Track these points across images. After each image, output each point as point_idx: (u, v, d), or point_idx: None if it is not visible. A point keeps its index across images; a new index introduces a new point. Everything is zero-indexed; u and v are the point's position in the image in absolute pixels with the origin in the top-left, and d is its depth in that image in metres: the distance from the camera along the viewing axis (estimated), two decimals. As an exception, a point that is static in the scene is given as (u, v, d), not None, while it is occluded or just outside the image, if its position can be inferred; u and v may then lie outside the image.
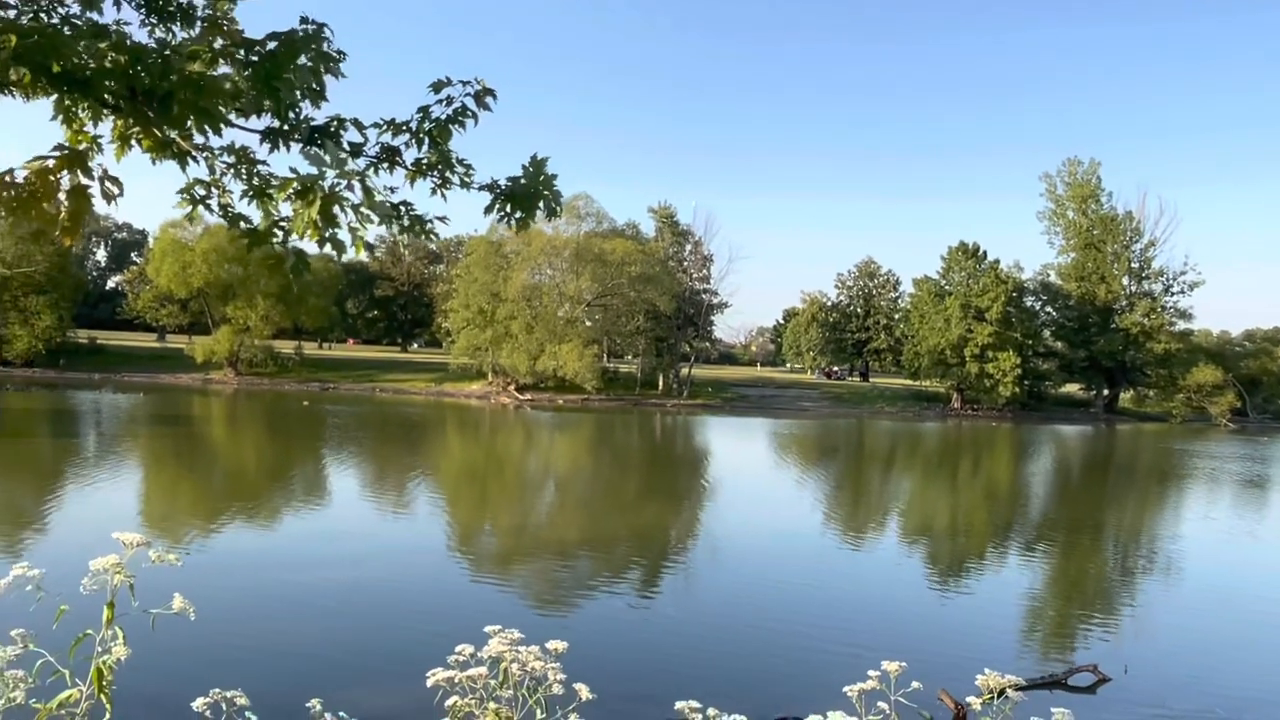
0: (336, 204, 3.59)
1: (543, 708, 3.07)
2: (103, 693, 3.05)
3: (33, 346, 75.76)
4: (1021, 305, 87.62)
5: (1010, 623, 15.39)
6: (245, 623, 12.39)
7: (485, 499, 28.87)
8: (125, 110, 3.50)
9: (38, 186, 3.27)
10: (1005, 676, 3.75)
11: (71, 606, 3.17)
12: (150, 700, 4.88)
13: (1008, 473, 44.07)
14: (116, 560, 3.05)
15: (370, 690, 8.44)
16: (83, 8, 3.65)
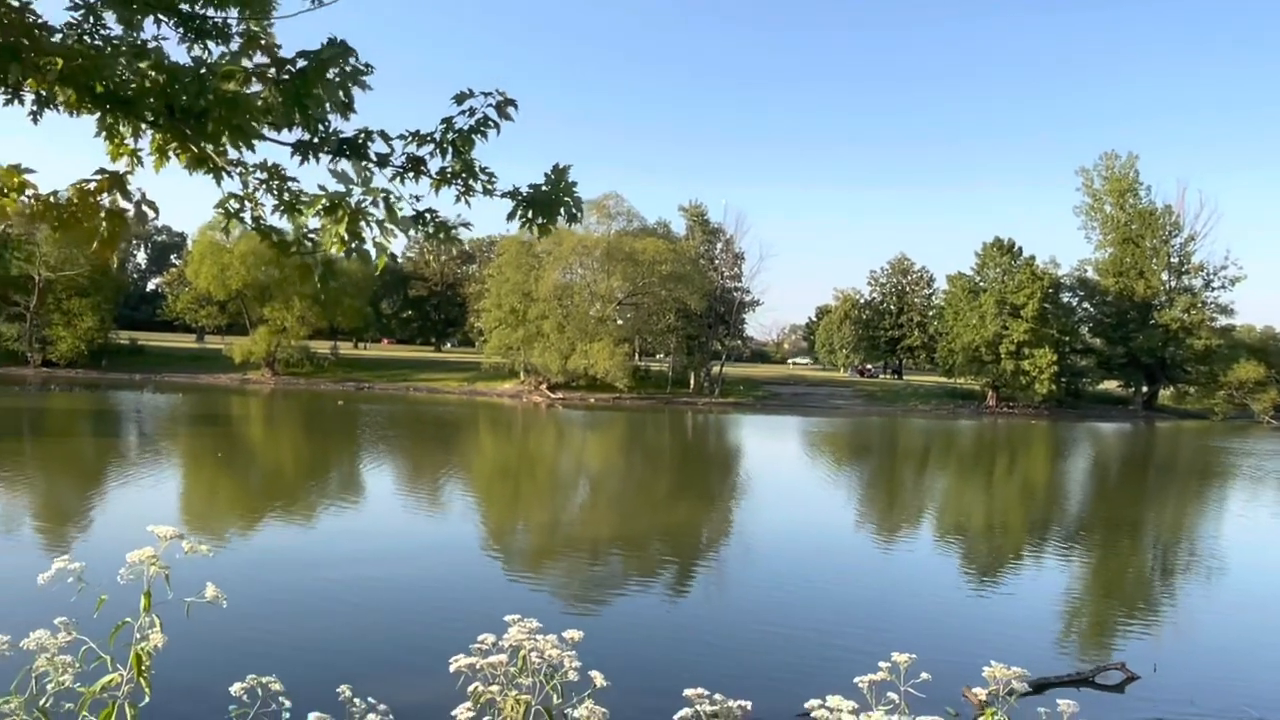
0: (362, 219, 3.75)
1: (559, 694, 3.21)
2: (142, 677, 3.23)
3: (76, 348, 77.44)
4: (1058, 301, 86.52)
5: (1044, 621, 15.31)
6: (279, 616, 12.69)
7: (517, 497, 29.14)
8: (164, 127, 3.70)
9: (79, 207, 3.47)
10: (1012, 669, 3.82)
11: (111, 597, 3.37)
12: (189, 686, 5.09)
13: (1044, 471, 43.64)
14: (152, 552, 3.24)
15: (399, 680, 8.66)
16: (123, 28, 3.85)
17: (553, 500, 28.77)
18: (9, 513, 21.44)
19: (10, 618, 4.03)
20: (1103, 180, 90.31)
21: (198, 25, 4.35)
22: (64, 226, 3.44)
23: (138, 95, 3.58)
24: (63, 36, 3.68)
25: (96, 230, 3.55)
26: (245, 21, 4.45)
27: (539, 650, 3.26)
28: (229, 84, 3.73)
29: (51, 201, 3.43)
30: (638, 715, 5.78)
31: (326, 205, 3.78)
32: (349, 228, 3.72)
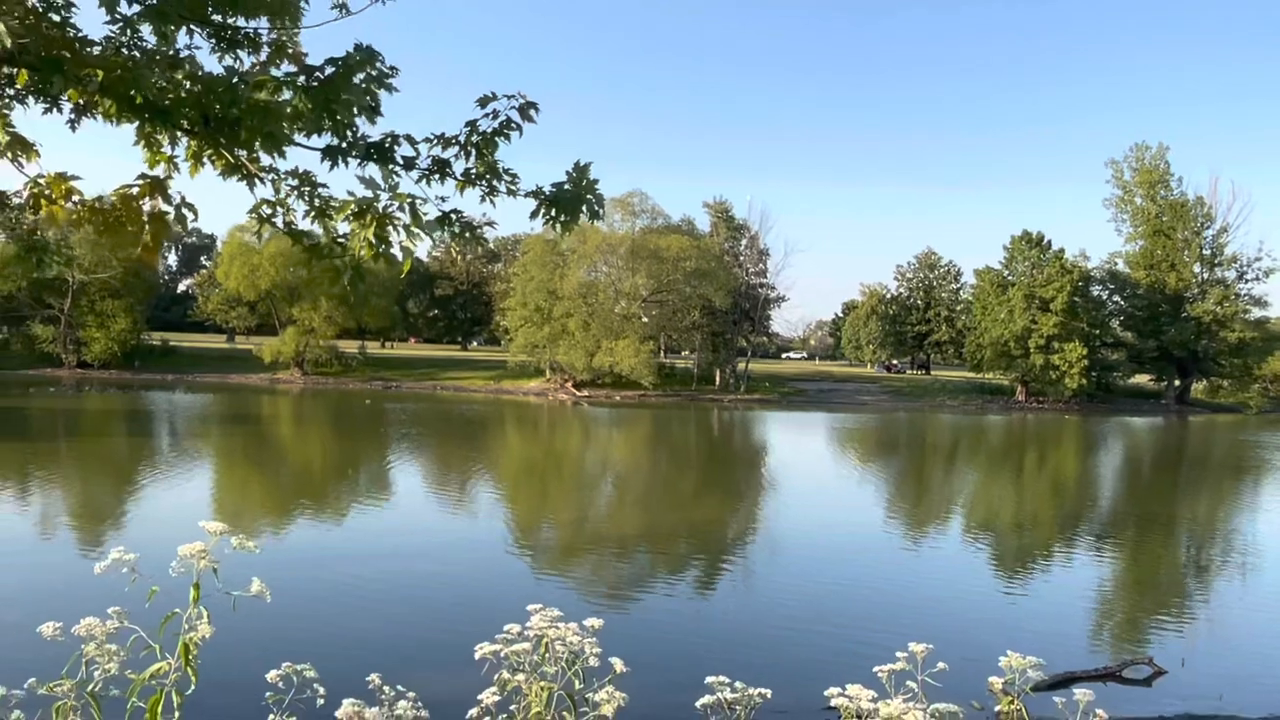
0: (389, 224, 3.88)
1: (580, 679, 3.31)
2: (189, 666, 3.37)
3: (109, 349, 78.68)
4: (1088, 295, 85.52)
5: (1074, 617, 15.21)
6: (312, 609, 12.91)
7: (544, 494, 29.32)
8: (199, 135, 3.83)
9: (123, 211, 3.62)
10: (1027, 658, 3.88)
11: (155, 589, 3.51)
12: (226, 674, 5.24)
13: (1075, 466, 43.24)
14: (203, 547, 3.38)
15: (427, 670, 8.81)
16: (158, 40, 3.99)
17: (579, 497, 28.93)
18: (50, 510, 21.90)
19: (57, 608, 4.19)
20: (1133, 172, 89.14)
21: (229, 35, 4.50)
22: (109, 230, 3.60)
23: (174, 105, 3.73)
24: (101, 49, 3.83)
25: (140, 233, 3.70)
26: (274, 30, 4.59)
27: (561, 638, 3.37)
28: (261, 93, 3.86)
29: (97, 207, 3.58)
30: (660, 703, 5.87)
31: (355, 210, 3.90)
32: (376, 232, 3.84)
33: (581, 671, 3.37)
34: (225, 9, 4.23)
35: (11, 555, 16.71)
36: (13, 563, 16.13)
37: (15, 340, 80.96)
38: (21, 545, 17.76)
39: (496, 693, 3.33)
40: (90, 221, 3.64)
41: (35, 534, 19.20)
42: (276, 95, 3.91)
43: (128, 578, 3.43)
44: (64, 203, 3.58)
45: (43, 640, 3.63)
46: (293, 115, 3.94)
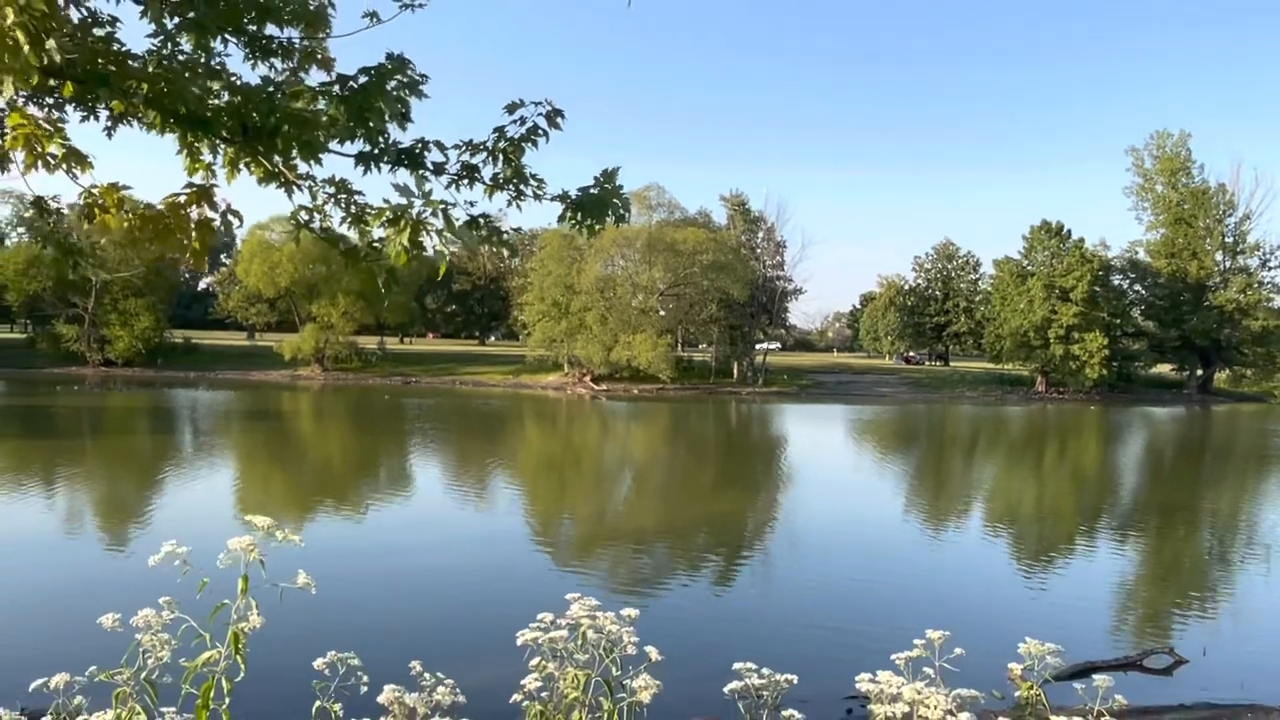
0: (423, 229, 4.01)
1: (617, 666, 3.44)
2: (239, 654, 3.53)
3: (133, 347, 79.58)
4: (1108, 284, 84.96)
5: (1096, 608, 15.21)
6: (348, 600, 13.11)
7: (563, 488, 29.51)
8: (238, 144, 3.97)
9: (171, 219, 3.76)
10: (1045, 644, 3.97)
11: (205, 581, 3.66)
12: (272, 662, 5.41)
13: (1096, 457, 43.03)
14: (251, 540, 3.53)
15: (460, 660, 8.99)
16: (196, 51, 4.13)
17: (599, 491, 29.09)
18: (76, 506, 22.28)
19: (104, 598, 4.35)
20: (1154, 160, 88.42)
21: (262, 44, 4.64)
22: (159, 237, 3.74)
23: (214, 116, 3.87)
24: (143, 62, 3.97)
25: (188, 240, 3.85)
26: (305, 39, 4.72)
27: (598, 627, 3.49)
28: (298, 102, 3.99)
29: (147, 215, 3.73)
30: (686, 693, 5.98)
31: (390, 217, 4.03)
32: (411, 238, 3.97)
33: (619, 659, 3.50)
34: (259, 20, 4.36)
35: (50, 550, 17.05)
36: (53, 559, 16.45)
37: (41, 339, 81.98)
38: (58, 540, 18.11)
39: (538, 678, 3.48)
40: (141, 230, 3.79)
41: (71, 529, 19.56)
42: (313, 104, 4.04)
43: (160, 571, 3.58)
44: (116, 212, 3.72)
45: (91, 631, 3.79)
46: (328, 123, 4.08)
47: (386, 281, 4.45)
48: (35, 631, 11.93)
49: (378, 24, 4.44)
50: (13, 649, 11.03)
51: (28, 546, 17.27)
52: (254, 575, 3.70)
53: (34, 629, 12.08)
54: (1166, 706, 9.25)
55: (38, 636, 11.65)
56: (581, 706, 3.53)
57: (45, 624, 12.30)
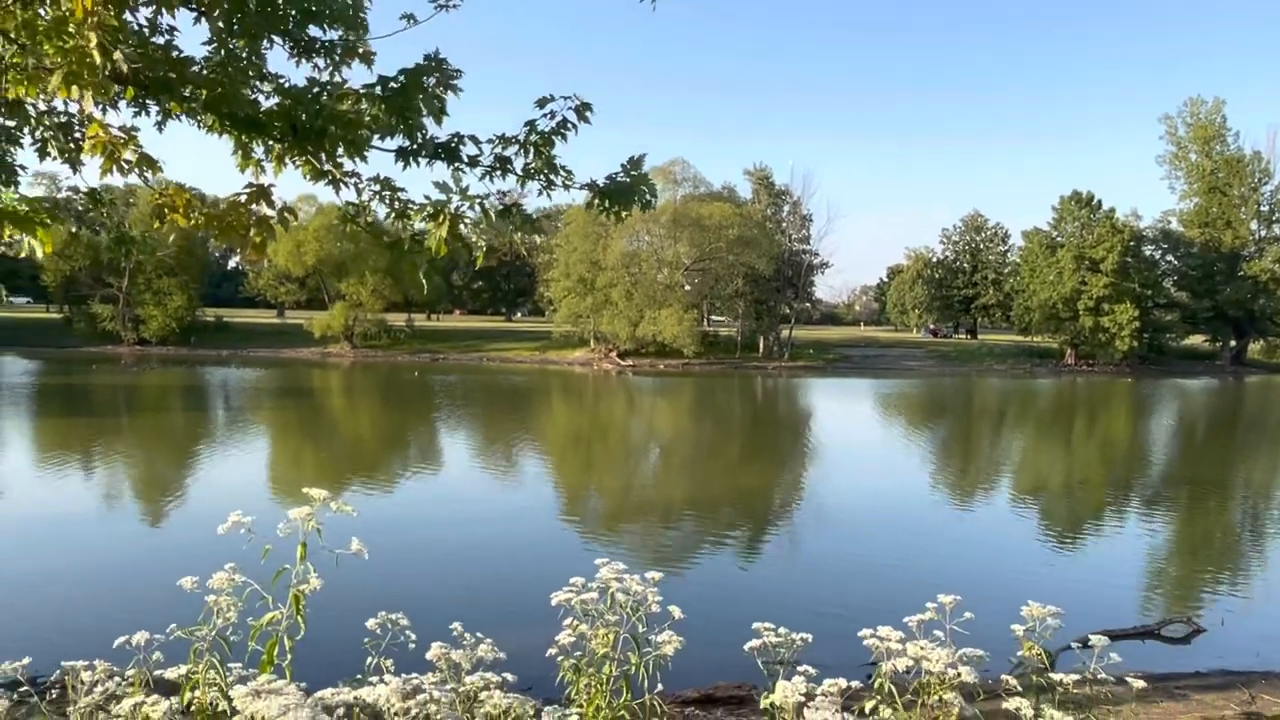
0: (461, 223, 4.29)
1: (643, 624, 3.74)
2: (299, 615, 3.86)
3: (166, 326, 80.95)
4: (1140, 255, 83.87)
5: (1123, 579, 15.28)
6: (389, 569, 13.55)
7: (591, 463, 29.90)
8: (289, 144, 4.26)
9: (233, 216, 4.06)
10: (1047, 607, 4.21)
11: (268, 548, 3.99)
12: (327, 623, 5.77)
13: (1126, 429, 42.80)
14: (309, 511, 3.85)
15: (495, 624, 9.35)
16: (246, 53, 4.41)
17: (626, 465, 29.46)
18: (122, 482, 22.97)
19: (147, 570, 4.69)
20: (1187, 127, 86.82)
21: (306, 45, 4.91)
22: (222, 233, 4.05)
23: (266, 118, 4.15)
24: (199, 67, 4.25)
25: (249, 236, 4.15)
26: (345, 38, 4.99)
27: (626, 589, 3.79)
28: (343, 104, 4.27)
29: (211, 213, 4.03)
30: (716, 654, 6.28)
31: (430, 212, 4.32)
32: (450, 230, 4.25)
33: (645, 617, 3.79)
34: (303, 22, 4.63)
35: (96, 524, 17.69)
36: (99, 532, 17.09)
37: (77, 319, 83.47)
38: (104, 514, 18.78)
39: (571, 635, 3.79)
40: (205, 227, 4.09)
41: (117, 504, 20.23)
42: (356, 105, 4.31)
43: (205, 542, 3.91)
44: (184, 211, 4.03)
45: (138, 598, 4.14)
46: (370, 122, 4.35)
47: (427, 272, 4.74)
48: (92, 601, 12.46)
49: (414, 25, 4.69)
50: (77, 616, 11.55)
51: (75, 520, 17.92)
52: (309, 543, 4.02)
53: (91, 598, 12.61)
54: (1180, 674, 9.45)
55: (98, 605, 12.18)
56: (611, 661, 3.84)
57: (96, 594, 12.84)
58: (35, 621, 10.86)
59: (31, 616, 11.19)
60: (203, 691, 3.76)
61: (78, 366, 61.64)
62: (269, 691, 3.13)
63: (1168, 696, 8.25)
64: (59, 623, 11.15)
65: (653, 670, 3.80)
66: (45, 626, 10.80)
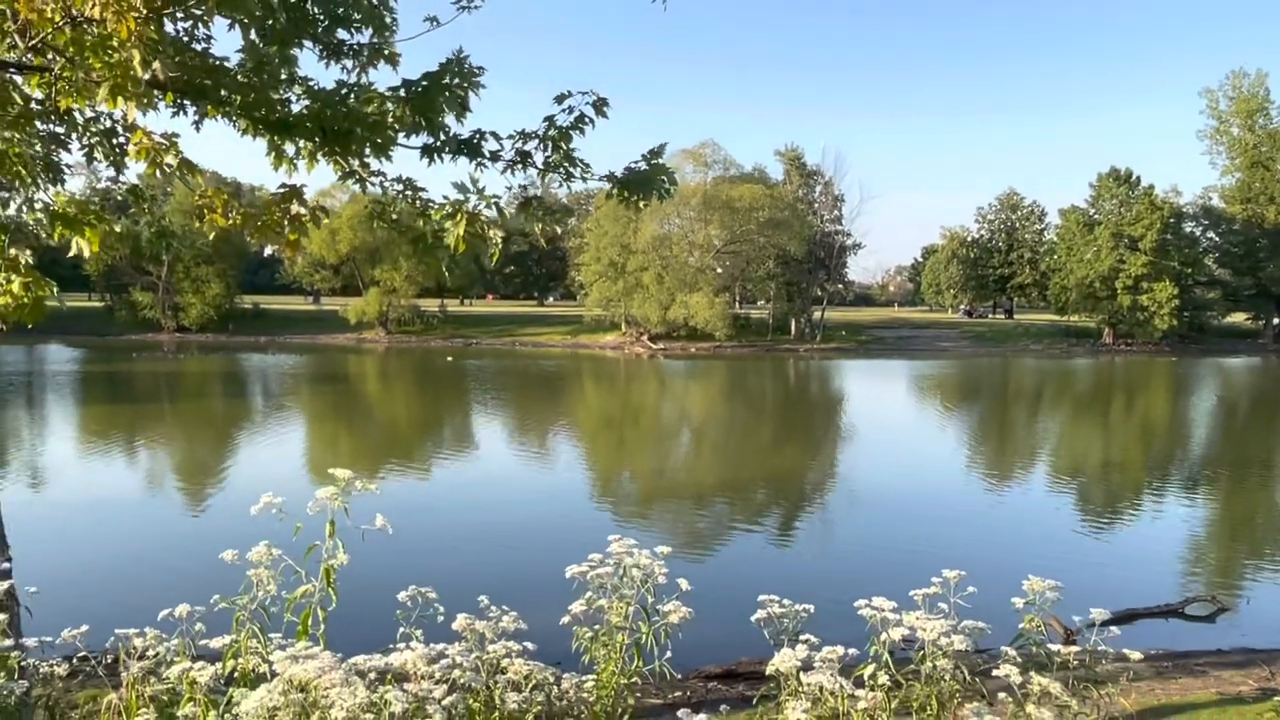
0: (477, 221, 4.51)
1: (652, 594, 3.95)
2: (330, 587, 4.12)
3: (205, 313, 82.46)
4: (1180, 232, 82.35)
5: (1157, 559, 15.23)
6: (419, 548, 13.94)
7: (623, 446, 30.19)
8: (319, 144, 4.49)
9: (269, 214, 4.31)
10: (1046, 581, 4.35)
11: (299, 526, 4.26)
12: (359, 596, 6.05)
13: (1165, 409, 42.26)
14: (334, 490, 4.10)
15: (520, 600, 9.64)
16: (279, 59, 4.63)
17: (658, 449, 29.70)
18: (166, 464, 23.64)
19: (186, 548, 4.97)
20: (1229, 101, 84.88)
21: (335, 47, 5.14)
22: (258, 232, 4.30)
23: (297, 121, 4.38)
24: (233, 73, 4.49)
25: (284, 233, 4.40)
26: (372, 39, 5.21)
27: (638, 563, 4.01)
28: (369, 107, 4.49)
29: (249, 213, 4.28)
30: (737, 629, 6.47)
31: (449, 211, 4.54)
32: (467, 228, 4.47)
33: (654, 588, 4.01)
34: (331, 27, 4.86)
35: (140, 505, 18.28)
36: (143, 513, 17.66)
37: (119, 307, 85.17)
38: (149, 495, 19.39)
39: (584, 605, 4.02)
40: (244, 226, 4.35)
41: (161, 485, 20.86)
42: (382, 108, 4.53)
43: (239, 521, 4.17)
44: (223, 211, 4.28)
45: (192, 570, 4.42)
46: (394, 122, 4.57)
47: (449, 266, 4.97)
48: (135, 577, 12.94)
49: (437, 27, 4.89)
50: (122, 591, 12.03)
51: (120, 503, 18.52)
52: (338, 521, 4.29)
53: (134, 575, 13.10)
54: (1201, 651, 9.51)
55: (140, 581, 12.66)
56: (624, 630, 4.06)
57: (137, 571, 13.34)
58: (84, 596, 11.31)
59: (81, 592, 11.64)
60: (244, 658, 4.04)
61: (119, 354, 63.00)
62: (306, 656, 3.39)
63: (1186, 673, 8.33)
64: (105, 597, 11.64)
65: (663, 639, 4.03)
66: (94, 601, 11.25)
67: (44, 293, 4.07)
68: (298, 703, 3.26)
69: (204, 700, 3.74)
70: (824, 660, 3.57)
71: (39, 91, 4.23)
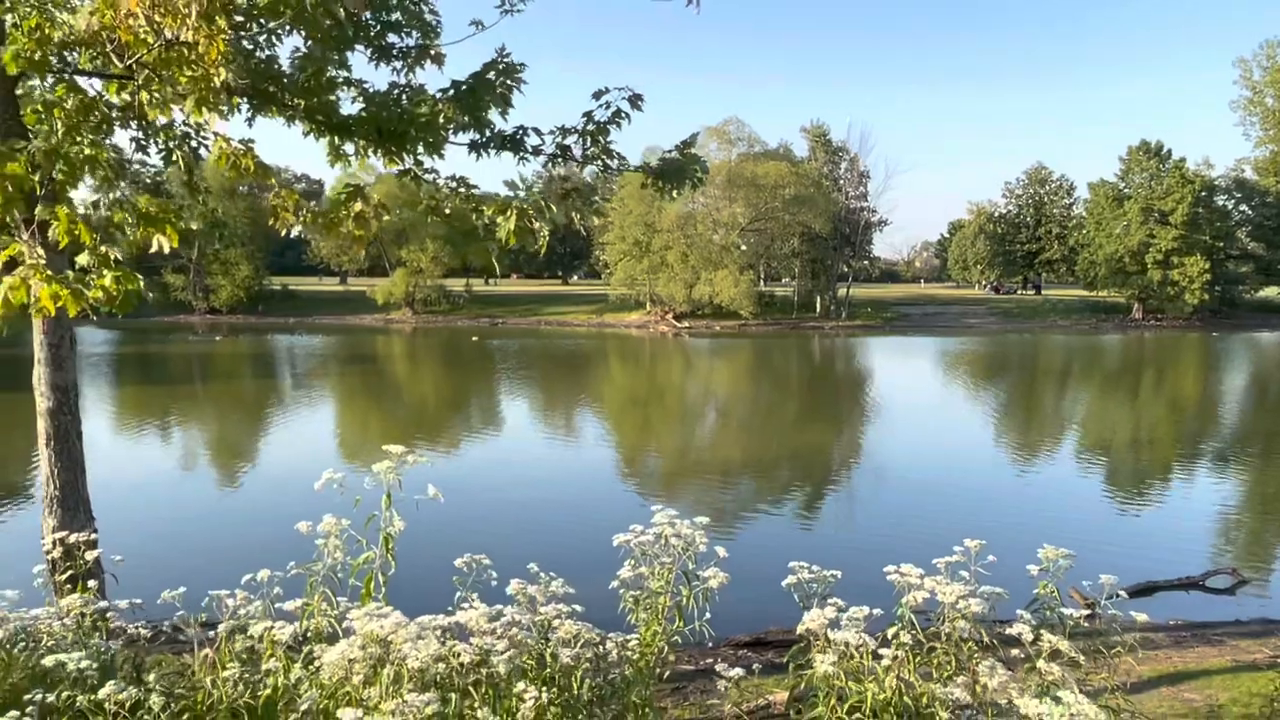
0: (526, 217, 4.82)
1: (694, 561, 4.28)
2: (389, 554, 4.49)
3: (235, 295, 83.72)
4: (1211, 205, 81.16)
5: (1183, 533, 15.32)
6: (463, 520, 14.38)
7: (649, 424, 30.52)
8: (375, 144, 4.81)
9: (334, 213, 4.64)
10: (1060, 549, 4.61)
11: (359, 499, 4.62)
12: (416, 563, 6.43)
13: (1196, 385, 41.97)
14: (390, 465, 4.46)
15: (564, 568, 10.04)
16: (337, 68, 4.95)
17: (684, 427, 30.02)
18: (211, 444, 24.30)
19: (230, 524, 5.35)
20: (1263, 71, 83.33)
21: (385, 50, 5.45)
22: (325, 229, 4.65)
23: (357, 123, 4.70)
24: (296, 77, 4.81)
25: (348, 230, 4.74)
26: (420, 42, 5.51)
27: (678, 533, 4.33)
28: (421, 109, 4.80)
29: (316, 212, 4.62)
30: (766, 600, 6.77)
31: (500, 206, 4.86)
32: (517, 223, 4.79)
33: (694, 555, 4.34)
34: (384, 32, 5.16)
35: (216, 482, 18.90)
36: (223, 488, 18.27)
37: (151, 288, 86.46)
38: (195, 474, 20.01)
39: (630, 571, 4.37)
40: (311, 224, 4.69)
41: (224, 461, 21.51)
42: (434, 109, 4.84)
43: (284, 497, 4.54)
44: (294, 211, 4.62)
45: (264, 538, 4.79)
46: (445, 122, 4.88)
47: (499, 257, 5.30)
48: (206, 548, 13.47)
49: (482, 31, 5.18)
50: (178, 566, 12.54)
51: (180, 479, 19.14)
52: (392, 494, 4.66)
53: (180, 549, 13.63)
54: (1220, 622, 9.72)
55: (191, 555, 13.18)
56: (665, 594, 4.39)
57: (185, 545, 13.87)
58: (152, 566, 11.80)
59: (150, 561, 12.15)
60: (318, 619, 4.41)
61: (153, 335, 64.12)
62: (380, 615, 3.75)
63: (1203, 642, 8.57)
64: (177, 567, 12.14)
65: (702, 602, 4.36)
66: (167, 569, 11.75)
67: (133, 286, 4.43)
68: (374, 656, 3.62)
69: (284, 656, 4.11)
70: (850, 619, 3.88)
71: (117, 98, 4.58)
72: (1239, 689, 6.99)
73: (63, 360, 5.73)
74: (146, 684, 3.75)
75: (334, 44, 4.68)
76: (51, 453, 5.90)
